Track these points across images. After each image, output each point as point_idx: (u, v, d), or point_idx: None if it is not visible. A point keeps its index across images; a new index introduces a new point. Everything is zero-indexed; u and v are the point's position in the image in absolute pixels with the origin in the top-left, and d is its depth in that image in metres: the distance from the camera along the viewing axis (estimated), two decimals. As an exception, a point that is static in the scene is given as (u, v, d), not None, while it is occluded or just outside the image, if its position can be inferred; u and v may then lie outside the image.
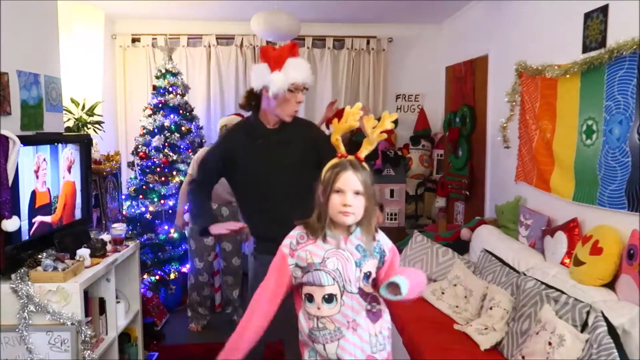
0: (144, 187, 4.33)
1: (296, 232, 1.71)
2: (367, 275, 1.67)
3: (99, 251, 2.67)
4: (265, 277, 1.74)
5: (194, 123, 4.54)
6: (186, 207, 3.86)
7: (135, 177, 4.41)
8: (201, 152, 3.95)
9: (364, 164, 1.68)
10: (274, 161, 2.41)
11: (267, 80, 2.32)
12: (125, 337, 3.03)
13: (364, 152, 1.70)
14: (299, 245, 1.69)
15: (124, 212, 4.16)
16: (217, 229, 2.39)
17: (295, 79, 2.34)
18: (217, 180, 2.57)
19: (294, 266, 1.68)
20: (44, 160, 2.52)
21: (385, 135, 1.72)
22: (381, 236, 1.74)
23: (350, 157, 1.68)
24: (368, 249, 1.66)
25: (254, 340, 1.70)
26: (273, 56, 2.35)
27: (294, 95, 2.36)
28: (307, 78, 2.38)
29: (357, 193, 1.62)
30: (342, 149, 1.71)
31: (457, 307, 2.99)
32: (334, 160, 1.68)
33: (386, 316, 1.74)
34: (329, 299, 1.64)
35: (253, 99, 2.46)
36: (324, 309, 1.64)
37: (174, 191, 4.20)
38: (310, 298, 1.66)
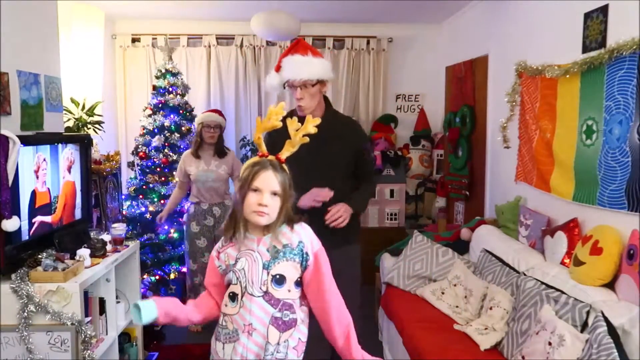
0: (144, 187, 4.33)
1: (223, 236, 1.72)
2: (277, 279, 1.61)
3: (99, 251, 2.67)
4: (205, 280, 1.78)
5: (193, 123, 4.55)
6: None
7: (135, 177, 4.40)
8: (185, 155, 3.96)
9: (285, 166, 1.67)
10: (307, 158, 2.37)
11: (267, 83, 2.50)
12: (125, 337, 3.03)
13: (285, 153, 1.69)
14: (222, 247, 1.70)
15: (124, 212, 4.16)
16: (301, 202, 2.35)
17: (286, 77, 2.42)
18: None
19: (220, 268, 1.70)
20: (44, 160, 2.52)
21: (307, 139, 1.71)
22: (305, 236, 1.67)
23: (271, 157, 1.66)
24: (282, 250, 1.62)
25: (185, 313, 1.71)
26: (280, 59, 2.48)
27: (293, 91, 2.44)
28: (298, 74, 2.39)
29: (274, 194, 1.60)
30: (263, 148, 1.69)
31: (457, 307, 2.99)
32: (254, 159, 1.67)
33: (302, 328, 1.66)
34: (232, 297, 1.64)
35: None
36: (228, 307, 1.64)
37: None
38: (224, 298, 1.69)
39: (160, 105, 4.39)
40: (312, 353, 1.78)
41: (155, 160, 4.32)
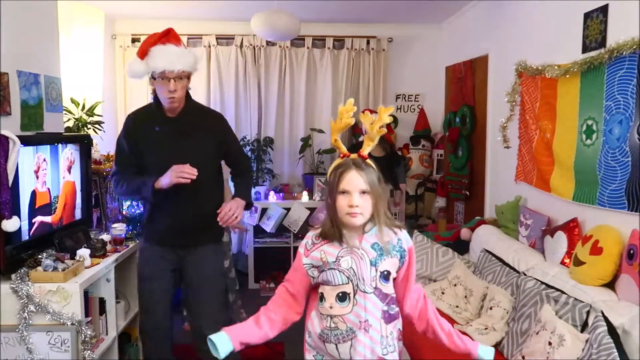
0: (144, 187, 4.32)
1: (312, 233, 1.70)
2: (384, 275, 1.63)
3: (99, 251, 2.68)
4: (288, 274, 1.73)
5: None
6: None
7: (135, 177, 4.39)
8: None
9: (369, 161, 1.65)
10: (170, 149, 2.41)
11: (128, 69, 2.36)
12: (125, 337, 3.03)
13: (366, 149, 1.67)
14: (314, 245, 1.67)
15: (124, 212, 4.15)
16: (163, 181, 2.32)
17: (155, 67, 2.29)
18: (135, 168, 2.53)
19: (310, 266, 1.66)
20: (44, 160, 2.52)
21: (385, 130, 1.69)
22: (403, 235, 1.71)
23: (354, 156, 1.66)
24: (385, 247, 1.63)
25: (259, 336, 1.67)
26: (141, 44, 2.35)
27: (165, 83, 2.32)
28: (170, 65, 2.29)
29: (363, 192, 1.59)
30: (343, 149, 1.69)
31: (457, 307, 2.99)
32: (338, 161, 1.66)
33: (400, 319, 1.73)
34: (342, 297, 1.62)
35: None
36: (336, 308, 1.62)
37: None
38: (322, 297, 1.65)
39: (160, 106, 4.38)
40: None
41: (155, 160, 4.32)
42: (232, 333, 1.62)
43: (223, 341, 1.59)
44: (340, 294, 1.62)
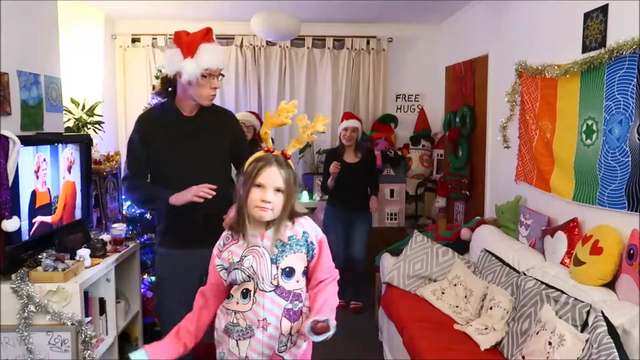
0: (144, 187, 4.32)
1: (225, 234, 1.71)
2: (286, 272, 1.63)
3: (99, 251, 2.67)
4: (208, 277, 1.75)
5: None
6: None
7: (135, 177, 4.39)
8: None
9: (290, 162, 1.66)
10: (187, 149, 2.39)
11: (180, 67, 2.31)
12: (125, 337, 3.03)
13: (291, 149, 1.68)
14: (224, 246, 1.68)
15: (124, 212, 4.15)
16: (181, 199, 2.31)
17: (207, 65, 2.32)
18: (147, 169, 2.52)
19: (221, 268, 1.68)
20: (44, 160, 2.52)
21: (315, 137, 1.72)
22: (309, 226, 1.69)
23: (277, 153, 1.66)
24: (288, 243, 1.63)
25: (178, 352, 1.70)
26: (185, 42, 2.32)
27: (209, 80, 2.35)
28: (220, 63, 2.36)
29: (278, 190, 1.60)
30: (269, 143, 1.69)
31: (457, 307, 2.99)
32: (259, 154, 1.66)
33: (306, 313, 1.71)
34: (245, 293, 1.63)
35: (169, 85, 2.45)
36: (240, 304, 1.64)
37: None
38: (230, 295, 1.68)
39: (160, 106, 4.38)
40: None
41: (155, 160, 4.31)
42: (151, 350, 1.64)
43: (141, 357, 1.60)
44: (243, 290, 1.64)
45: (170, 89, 2.46)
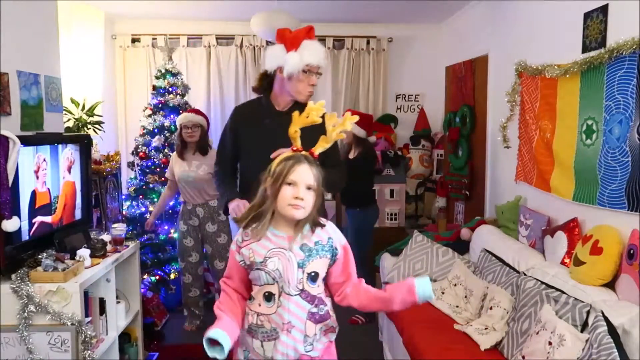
0: (144, 187, 4.33)
1: (242, 230, 1.69)
2: (312, 277, 1.63)
3: (99, 251, 2.67)
4: (227, 271, 1.75)
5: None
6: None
7: (135, 177, 4.40)
8: (173, 155, 3.94)
9: (317, 162, 1.66)
10: (279, 144, 2.40)
11: (283, 60, 2.34)
12: (125, 337, 3.03)
13: (318, 149, 1.68)
14: (243, 242, 1.67)
15: (124, 212, 4.16)
16: (232, 207, 2.33)
17: (310, 60, 2.36)
18: (235, 160, 2.56)
19: (243, 263, 1.67)
20: (44, 160, 2.52)
21: (343, 135, 1.72)
22: (333, 232, 1.70)
23: (305, 153, 1.66)
24: (315, 247, 1.63)
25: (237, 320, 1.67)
26: (289, 37, 2.38)
27: (308, 76, 2.38)
28: (321, 61, 2.40)
29: (309, 188, 1.60)
30: (298, 142, 1.69)
31: (457, 307, 2.99)
32: (288, 153, 1.66)
33: (333, 315, 1.72)
34: (268, 297, 1.63)
35: (266, 81, 2.48)
36: (263, 307, 1.63)
37: (175, 195, 4.19)
38: (251, 296, 1.67)
39: (160, 106, 4.39)
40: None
41: (155, 160, 4.32)
42: (226, 329, 1.58)
43: (224, 339, 1.54)
44: (266, 294, 1.63)
45: (266, 85, 2.49)
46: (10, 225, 2.20)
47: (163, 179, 4.30)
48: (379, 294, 1.71)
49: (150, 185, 4.31)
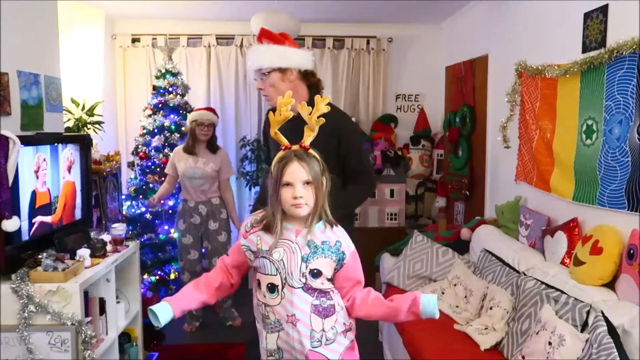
0: (144, 187, 4.33)
1: (252, 217, 1.73)
2: (314, 273, 1.64)
3: (99, 251, 2.67)
4: (230, 250, 1.80)
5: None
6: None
7: (135, 177, 4.40)
8: (176, 150, 3.96)
9: (312, 151, 1.66)
10: (293, 142, 2.40)
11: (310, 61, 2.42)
12: (125, 337, 3.03)
13: (307, 139, 1.68)
14: (252, 228, 1.69)
15: (124, 212, 4.16)
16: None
17: (248, 65, 2.40)
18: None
19: (247, 248, 1.69)
20: (44, 160, 2.52)
21: (323, 120, 1.68)
22: (342, 236, 1.71)
23: (295, 147, 1.66)
24: (321, 246, 1.65)
25: (199, 300, 1.72)
26: (287, 40, 2.39)
27: (261, 81, 2.38)
28: (257, 61, 2.32)
29: (306, 183, 1.61)
30: (284, 141, 1.69)
31: (457, 307, 2.99)
32: (280, 154, 1.67)
33: (343, 313, 1.72)
34: (272, 288, 1.65)
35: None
36: (268, 298, 1.66)
37: (174, 191, 4.20)
38: (259, 284, 1.69)
39: (160, 105, 4.39)
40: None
41: (155, 160, 4.32)
42: (173, 301, 1.66)
43: (164, 310, 1.63)
44: (269, 285, 1.65)
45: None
46: (10, 225, 2.20)
47: (163, 179, 4.30)
48: (388, 303, 1.72)
49: (150, 185, 4.32)
